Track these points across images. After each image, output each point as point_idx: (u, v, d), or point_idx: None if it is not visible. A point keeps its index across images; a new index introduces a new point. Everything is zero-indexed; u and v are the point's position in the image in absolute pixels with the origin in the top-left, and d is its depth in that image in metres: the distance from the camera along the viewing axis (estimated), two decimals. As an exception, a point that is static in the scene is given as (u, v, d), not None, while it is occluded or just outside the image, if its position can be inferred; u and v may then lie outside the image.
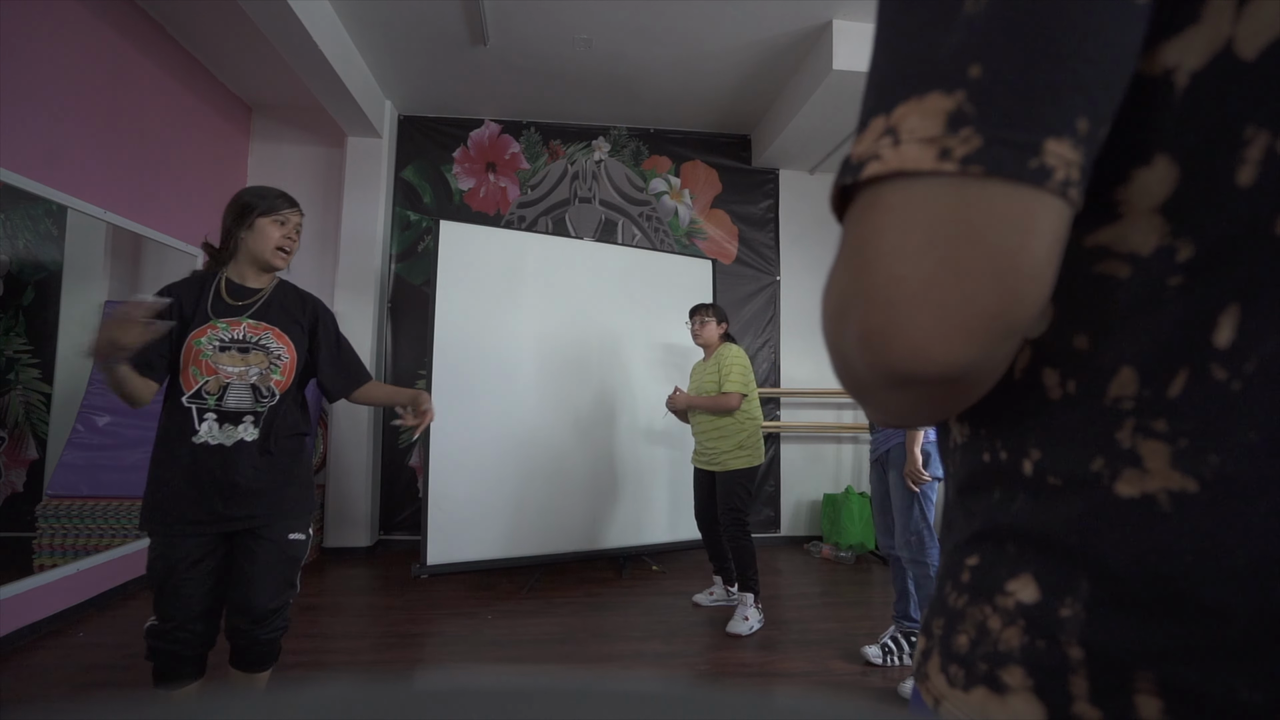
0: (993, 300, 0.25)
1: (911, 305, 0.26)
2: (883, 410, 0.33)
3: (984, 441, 0.35)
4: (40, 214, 2.43)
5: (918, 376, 0.27)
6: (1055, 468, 0.31)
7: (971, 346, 0.26)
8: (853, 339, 0.28)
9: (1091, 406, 0.30)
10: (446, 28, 3.15)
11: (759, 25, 3.09)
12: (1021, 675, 0.31)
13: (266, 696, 0.14)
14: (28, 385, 2.43)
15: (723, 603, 2.85)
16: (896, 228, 0.26)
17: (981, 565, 0.35)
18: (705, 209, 4.30)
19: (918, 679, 0.39)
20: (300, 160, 3.99)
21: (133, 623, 2.55)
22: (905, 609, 2.22)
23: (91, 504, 2.75)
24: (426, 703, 0.14)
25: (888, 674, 2.19)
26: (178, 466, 1.43)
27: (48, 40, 2.41)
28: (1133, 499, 0.28)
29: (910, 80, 0.26)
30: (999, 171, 0.24)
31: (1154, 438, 0.28)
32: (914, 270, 0.26)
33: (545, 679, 0.15)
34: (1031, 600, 0.32)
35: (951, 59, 0.25)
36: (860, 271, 0.27)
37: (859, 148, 0.28)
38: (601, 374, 3.41)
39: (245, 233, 1.50)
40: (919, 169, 0.25)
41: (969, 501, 0.38)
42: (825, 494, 4.07)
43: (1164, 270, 0.28)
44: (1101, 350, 0.30)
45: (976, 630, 0.34)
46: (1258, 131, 0.25)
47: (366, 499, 3.71)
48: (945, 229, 0.25)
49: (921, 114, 0.26)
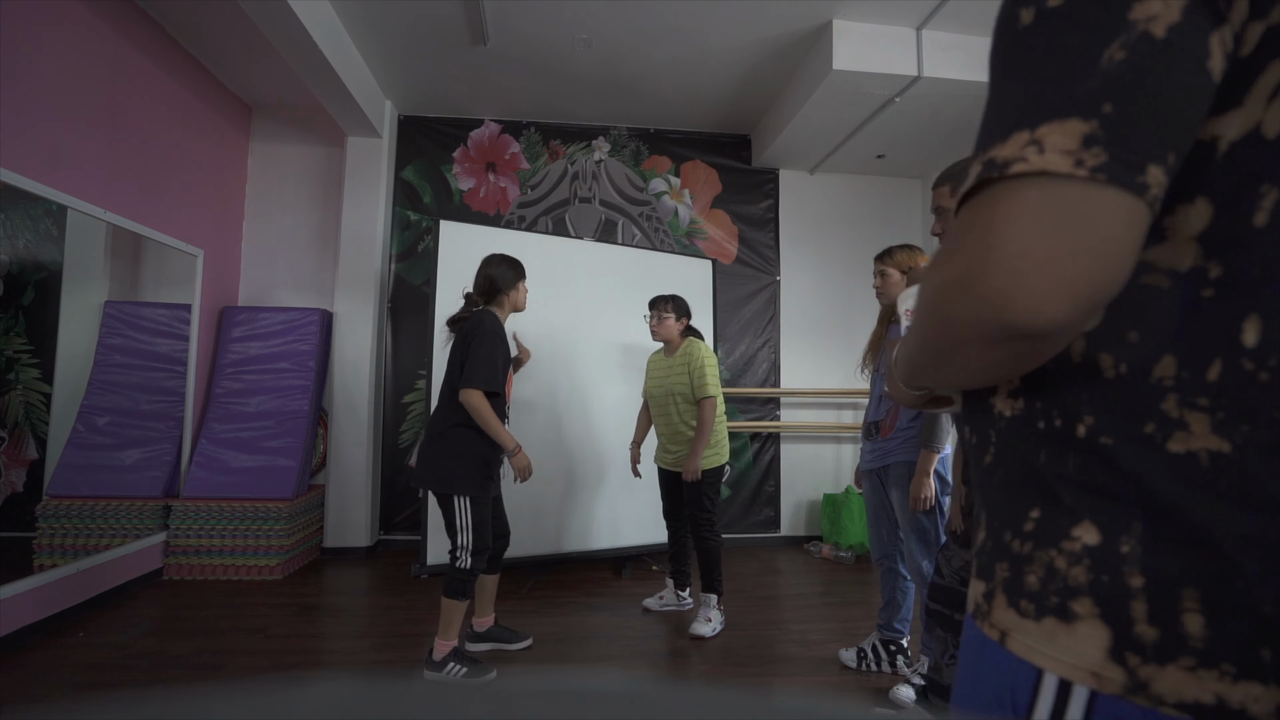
0: (1098, 275, 0.35)
1: (1037, 273, 0.34)
2: (964, 368, 0.43)
3: (1039, 413, 0.44)
4: (40, 214, 2.43)
5: (1028, 330, 0.36)
6: (1108, 430, 0.40)
7: (1076, 310, 0.35)
8: (974, 298, 0.37)
9: (1140, 384, 0.39)
10: (446, 28, 3.15)
11: (759, 25, 3.09)
12: (1089, 604, 0.39)
13: (267, 697, 0.14)
14: (28, 385, 2.43)
15: (673, 607, 2.78)
16: (1031, 214, 0.35)
17: (1043, 517, 0.43)
18: (705, 209, 4.30)
19: (976, 617, 0.47)
20: (300, 160, 3.99)
21: (133, 623, 2.55)
22: (889, 618, 2.21)
23: (91, 504, 2.75)
24: (426, 703, 0.14)
25: (879, 678, 2.18)
26: (495, 454, 2.21)
27: (48, 40, 2.41)
28: (1179, 454, 0.37)
29: (1054, 107, 0.35)
30: (1116, 181, 0.33)
31: (1197, 410, 0.37)
32: (1041, 246, 0.34)
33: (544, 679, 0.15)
34: (1095, 542, 0.40)
35: (1089, 96, 0.34)
36: (992, 245, 0.36)
37: (1003, 151, 0.36)
38: (601, 374, 3.41)
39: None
40: (1058, 171, 0.34)
41: (1016, 464, 0.46)
42: (825, 494, 4.07)
43: (1198, 284, 0.37)
44: (1148, 341, 0.39)
45: (1045, 570, 0.42)
46: (1271, 188, 0.35)
47: (366, 499, 3.71)
48: (1070, 218, 0.34)
49: (1063, 133, 0.34)
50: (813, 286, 4.38)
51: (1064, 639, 0.40)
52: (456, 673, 2.07)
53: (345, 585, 3.16)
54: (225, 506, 3.17)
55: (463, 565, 2.09)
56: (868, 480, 2.26)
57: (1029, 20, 0.38)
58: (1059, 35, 0.36)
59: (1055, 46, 0.36)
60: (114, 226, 2.78)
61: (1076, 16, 0.36)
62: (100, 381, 2.79)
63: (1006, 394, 0.47)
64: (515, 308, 2.30)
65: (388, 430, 3.91)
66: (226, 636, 2.43)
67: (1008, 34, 0.39)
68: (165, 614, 2.67)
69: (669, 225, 4.26)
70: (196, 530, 3.14)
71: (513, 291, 2.25)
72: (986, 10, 2.92)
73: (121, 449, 2.96)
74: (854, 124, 3.65)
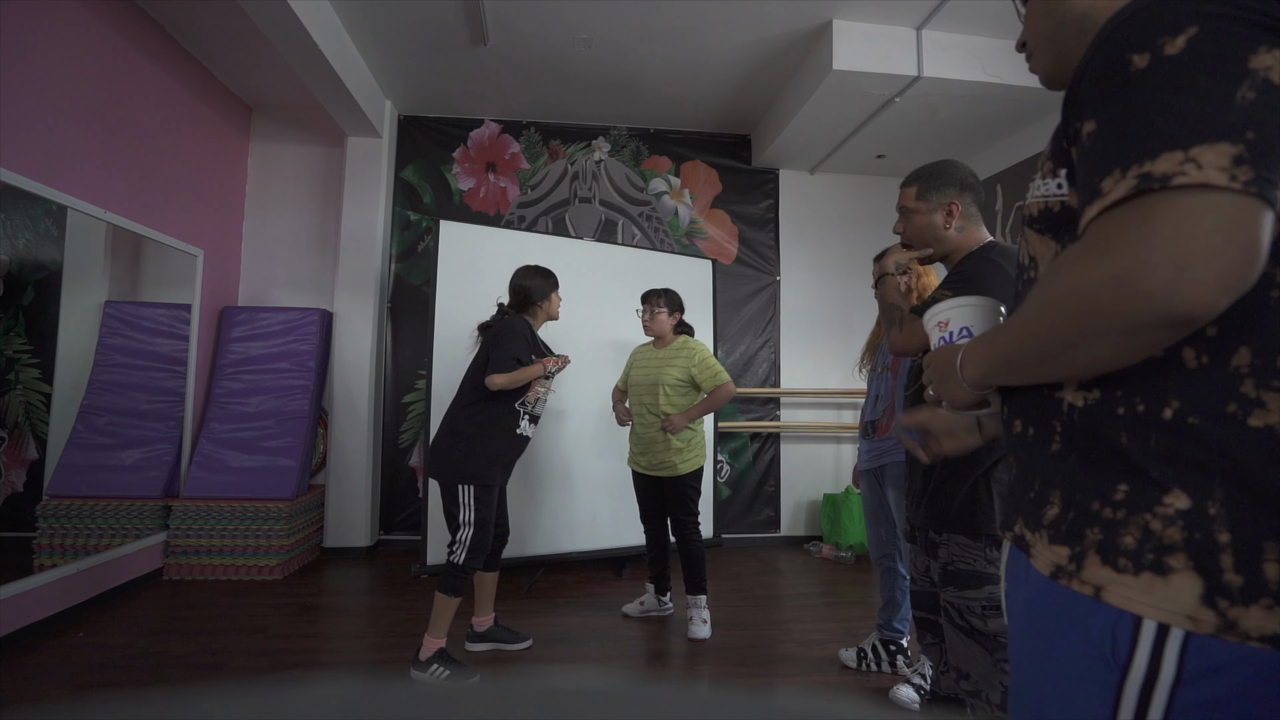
0: (1245, 269, 0.42)
1: (1199, 268, 0.42)
2: (1088, 359, 0.50)
3: (1120, 400, 0.52)
4: (40, 214, 2.42)
5: (1188, 317, 0.43)
6: (1195, 411, 0.48)
7: (1228, 298, 0.43)
8: (1132, 293, 0.44)
9: (1220, 372, 0.48)
10: (446, 28, 3.15)
11: (759, 25, 3.09)
12: (1184, 559, 0.47)
13: (267, 697, 0.14)
14: (28, 385, 2.43)
15: (654, 612, 2.74)
16: (1192, 219, 0.42)
17: (1133, 489, 0.50)
18: (705, 209, 4.30)
19: (1059, 576, 0.54)
20: (300, 160, 3.99)
21: (133, 623, 2.55)
22: (889, 618, 2.21)
23: (91, 504, 2.75)
24: (426, 703, 0.14)
25: (879, 678, 2.18)
26: (515, 446, 2.26)
27: (47, 40, 2.41)
28: (1259, 428, 0.46)
29: (1203, 132, 0.42)
30: (1261, 195, 0.42)
31: (1273, 390, 0.46)
32: (1202, 246, 0.42)
33: (544, 679, 0.15)
34: (1186, 506, 0.47)
35: (1235, 125, 0.42)
36: (1155, 246, 0.43)
37: (1159, 166, 0.43)
38: (601, 374, 3.41)
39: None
40: (1216, 184, 0.42)
41: (1093, 445, 0.53)
42: (825, 494, 4.07)
43: (1267, 287, 0.46)
44: (1225, 336, 0.48)
45: (1141, 531, 0.49)
46: None
47: (366, 499, 3.71)
48: (1225, 223, 0.42)
49: (1215, 153, 0.42)
50: (813, 286, 4.38)
51: (1161, 589, 0.47)
52: (440, 674, 2.06)
53: (345, 585, 3.16)
54: (225, 506, 3.17)
55: (457, 560, 2.09)
56: (865, 480, 2.26)
57: (1144, 64, 0.46)
58: (1188, 75, 0.44)
59: (1186, 86, 0.44)
60: (114, 226, 2.78)
61: (1202, 62, 0.44)
62: (100, 381, 2.79)
63: (1076, 386, 0.55)
64: (550, 317, 2.36)
65: (388, 430, 3.91)
66: (226, 636, 2.43)
67: (1118, 72, 0.47)
68: (165, 614, 2.67)
69: (669, 225, 4.26)
70: (196, 530, 3.13)
71: (546, 302, 2.32)
72: (986, 10, 2.92)
73: (121, 449, 2.96)
74: (854, 124, 3.65)
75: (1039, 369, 0.56)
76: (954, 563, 1.28)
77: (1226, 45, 0.43)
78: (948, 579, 1.29)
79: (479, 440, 2.16)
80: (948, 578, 1.29)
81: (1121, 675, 0.49)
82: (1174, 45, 0.44)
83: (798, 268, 4.38)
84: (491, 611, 2.39)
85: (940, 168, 1.38)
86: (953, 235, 1.36)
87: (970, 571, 1.26)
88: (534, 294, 2.29)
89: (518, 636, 2.39)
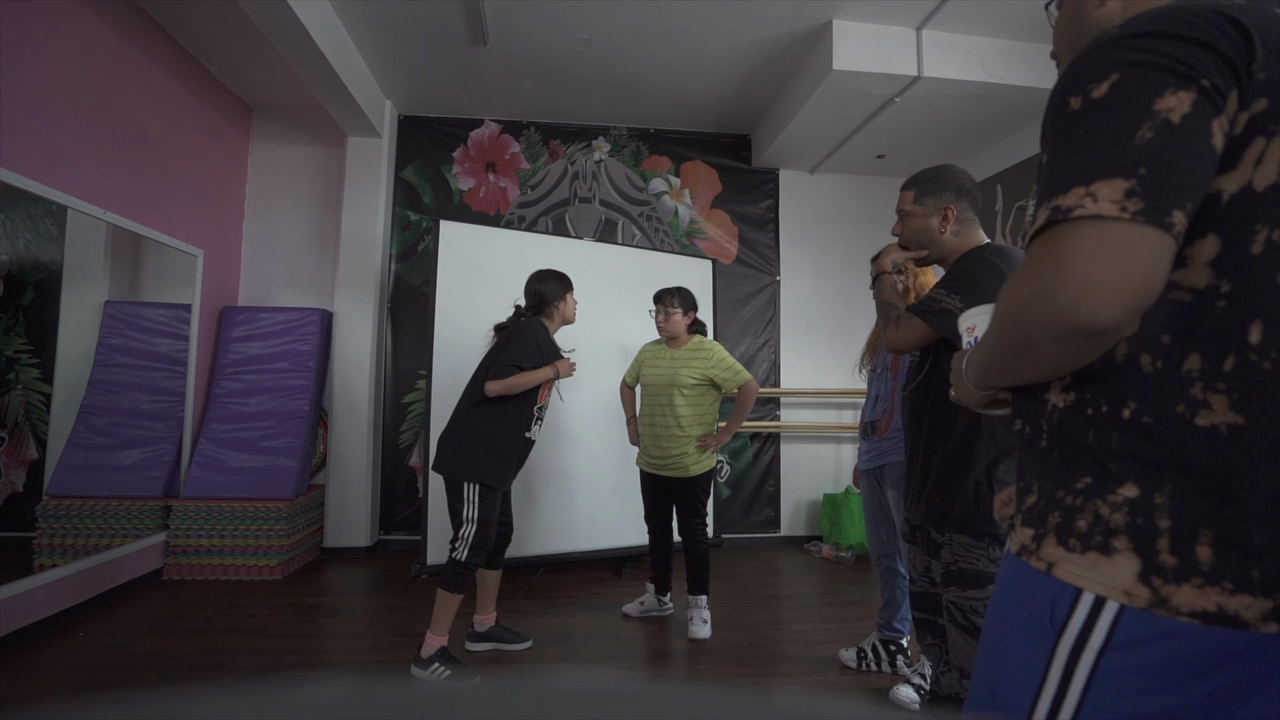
0: (1140, 288, 0.48)
1: (1097, 288, 0.48)
2: (1036, 363, 0.56)
3: (1088, 401, 0.57)
4: (40, 214, 2.42)
5: (1092, 329, 0.49)
6: (1149, 411, 0.53)
7: (1126, 313, 0.48)
8: (1048, 308, 0.50)
9: (1172, 375, 0.52)
10: (446, 28, 3.15)
11: (759, 25, 3.09)
12: (1125, 541, 0.53)
13: (266, 697, 0.14)
14: (28, 385, 2.43)
15: (654, 612, 2.73)
16: (1089, 245, 0.49)
17: (1094, 480, 0.56)
18: (705, 209, 4.30)
19: (1023, 554, 0.60)
20: (300, 160, 3.99)
21: (133, 623, 2.55)
22: (889, 618, 2.21)
23: (91, 504, 2.75)
24: (426, 703, 0.14)
25: (879, 678, 2.18)
26: (523, 448, 2.27)
27: (48, 40, 2.41)
28: (1204, 427, 0.51)
29: (1102, 170, 0.49)
30: (1151, 221, 0.48)
31: (1218, 393, 0.50)
32: (1098, 269, 0.48)
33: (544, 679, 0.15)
34: (1134, 495, 0.53)
35: (1129, 162, 0.48)
36: (1060, 269, 0.50)
37: (1065, 200, 0.50)
38: (601, 374, 3.41)
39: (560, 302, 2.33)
40: (1108, 215, 0.48)
41: (1069, 443, 0.58)
42: (825, 494, 4.07)
43: (1212, 298, 0.51)
44: (1177, 343, 0.53)
45: (1093, 517, 0.55)
46: (1262, 226, 0.50)
47: (366, 499, 3.71)
48: (1119, 249, 0.48)
49: (1110, 188, 0.49)
50: (813, 286, 4.38)
51: (1104, 567, 0.53)
52: (440, 674, 2.06)
53: (345, 585, 3.16)
54: (225, 506, 3.17)
55: (459, 557, 2.09)
56: (865, 480, 2.26)
57: (1077, 106, 0.53)
58: (1101, 119, 0.51)
59: (1098, 127, 0.51)
60: (114, 226, 2.78)
61: (1115, 106, 0.50)
62: (100, 381, 2.79)
63: (1060, 389, 0.60)
64: (565, 320, 2.36)
65: (388, 430, 3.91)
66: (226, 636, 2.43)
67: (1059, 114, 0.54)
68: (165, 614, 2.67)
69: (669, 225, 4.26)
70: (196, 530, 3.14)
71: (561, 304, 2.32)
72: (986, 10, 2.92)
73: (121, 449, 2.96)
74: (854, 124, 3.65)
75: (1005, 372, 0.62)
76: (957, 562, 1.28)
77: (1136, 90, 0.50)
78: (951, 579, 1.29)
79: (490, 438, 2.16)
80: (951, 577, 1.29)
81: (1055, 638, 0.55)
82: (1099, 90, 0.51)
83: (798, 268, 4.38)
84: (494, 610, 2.39)
85: (938, 173, 1.41)
86: (948, 239, 1.39)
87: (974, 571, 1.26)
88: (547, 296, 2.30)
89: (518, 636, 2.39)
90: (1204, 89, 0.49)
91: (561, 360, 2.27)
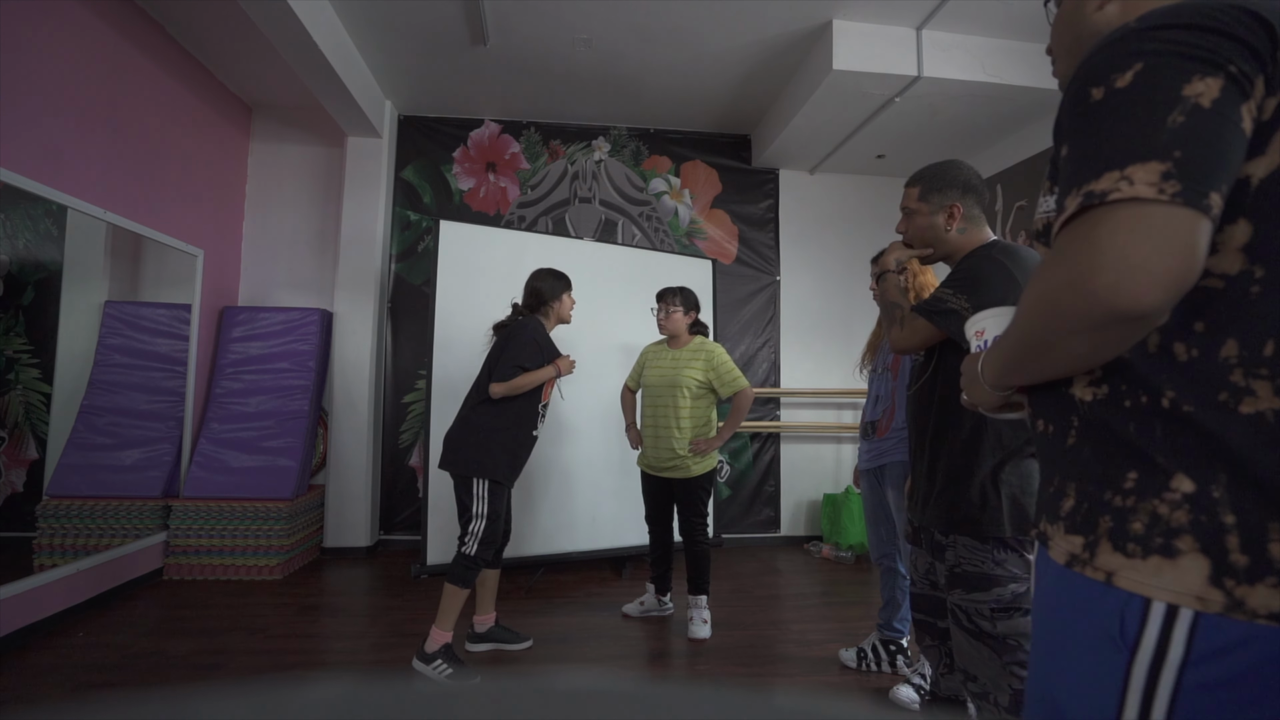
0: (1180, 270, 0.47)
1: (1137, 271, 0.47)
2: (1066, 354, 0.55)
3: (1124, 394, 0.56)
4: (40, 214, 2.42)
5: (1132, 314, 0.48)
6: (1189, 400, 0.51)
7: (1166, 296, 0.47)
8: (1084, 293, 0.49)
9: (1209, 363, 0.51)
10: (446, 28, 3.15)
11: (759, 25, 3.09)
12: (1191, 541, 0.49)
13: (266, 697, 0.14)
14: (28, 385, 2.43)
15: (654, 612, 2.73)
16: (1127, 228, 0.48)
17: (1141, 476, 0.53)
18: (705, 209, 4.30)
19: (1074, 565, 0.57)
20: (300, 160, 3.99)
21: (133, 623, 2.55)
22: (889, 618, 2.21)
23: (91, 504, 2.75)
24: (427, 703, 0.14)
25: (879, 678, 2.18)
26: (528, 446, 2.29)
27: (48, 40, 2.41)
28: (1250, 415, 0.49)
29: (1137, 153, 0.49)
30: (1189, 204, 0.47)
31: (1260, 379, 0.49)
32: (1137, 252, 0.47)
33: (544, 679, 0.15)
34: (1191, 490, 0.50)
35: (1164, 145, 0.48)
36: (1098, 253, 0.49)
37: (1100, 185, 0.49)
38: (601, 373, 3.41)
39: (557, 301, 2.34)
40: (1146, 198, 0.47)
41: (1105, 437, 0.56)
42: (825, 494, 4.07)
43: (1246, 284, 0.51)
44: (1212, 330, 0.51)
45: (1150, 517, 0.52)
46: None
47: (366, 499, 3.71)
48: (1158, 231, 0.47)
49: (1145, 171, 0.48)
50: (813, 286, 4.38)
51: (1170, 572, 0.50)
52: (442, 671, 2.07)
53: (345, 585, 3.16)
54: (225, 506, 3.17)
55: (469, 552, 2.12)
56: (865, 480, 2.26)
57: (1100, 96, 0.52)
58: (1129, 106, 0.50)
59: (1127, 114, 0.50)
60: (114, 226, 2.78)
61: (1143, 93, 0.50)
62: (100, 381, 2.79)
63: (1087, 383, 0.59)
64: (560, 319, 2.37)
65: (388, 430, 3.91)
66: (226, 636, 2.43)
67: (1080, 104, 0.54)
68: (165, 614, 2.67)
69: (669, 225, 4.26)
70: (196, 530, 3.14)
71: (557, 302, 2.33)
72: (986, 10, 2.92)
73: (121, 449, 2.96)
74: (854, 124, 3.65)
75: (1032, 366, 0.60)
76: (961, 565, 1.27)
77: (1164, 77, 0.49)
78: (955, 581, 1.28)
79: (500, 435, 2.18)
80: (955, 580, 1.28)
81: (1130, 656, 0.50)
82: (1123, 79, 0.51)
83: (798, 268, 4.38)
84: (493, 610, 2.40)
85: (943, 169, 1.38)
86: (954, 237, 1.36)
87: (978, 574, 1.24)
88: (544, 294, 2.32)
89: (518, 637, 2.39)
90: (1231, 74, 0.48)
91: (562, 358, 2.29)
